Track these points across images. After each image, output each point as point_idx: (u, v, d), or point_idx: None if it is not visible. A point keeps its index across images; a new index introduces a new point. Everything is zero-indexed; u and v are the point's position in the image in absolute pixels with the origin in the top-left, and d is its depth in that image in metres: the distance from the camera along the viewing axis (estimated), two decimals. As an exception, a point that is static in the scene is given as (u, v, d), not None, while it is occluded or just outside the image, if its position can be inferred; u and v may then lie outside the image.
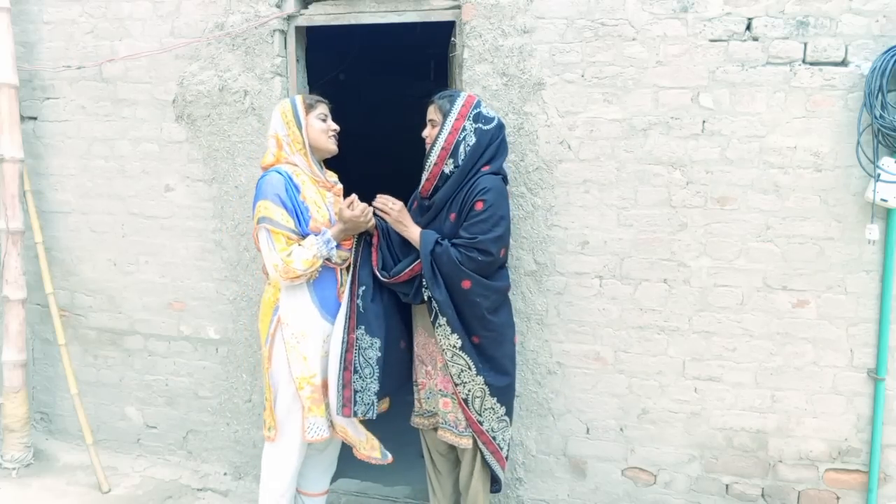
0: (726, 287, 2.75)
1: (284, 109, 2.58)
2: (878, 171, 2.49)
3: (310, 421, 2.53)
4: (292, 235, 2.44)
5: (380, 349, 2.54)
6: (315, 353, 2.53)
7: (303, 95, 2.65)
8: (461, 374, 2.47)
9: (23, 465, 3.42)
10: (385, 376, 2.56)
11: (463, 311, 2.44)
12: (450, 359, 2.48)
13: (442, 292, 2.41)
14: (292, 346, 2.50)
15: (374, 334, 2.54)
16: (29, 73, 3.44)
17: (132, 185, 3.39)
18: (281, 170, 2.51)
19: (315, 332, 2.54)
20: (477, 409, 2.50)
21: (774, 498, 2.80)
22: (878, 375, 2.64)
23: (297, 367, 2.51)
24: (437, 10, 2.96)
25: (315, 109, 2.60)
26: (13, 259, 3.37)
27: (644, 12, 2.69)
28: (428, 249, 2.41)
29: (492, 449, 2.55)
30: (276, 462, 2.61)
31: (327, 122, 2.62)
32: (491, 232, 2.37)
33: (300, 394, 2.51)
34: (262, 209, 2.43)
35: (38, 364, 3.70)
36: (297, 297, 2.53)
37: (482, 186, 2.40)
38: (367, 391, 2.52)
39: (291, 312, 2.52)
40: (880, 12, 2.52)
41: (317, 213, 2.52)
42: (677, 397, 2.84)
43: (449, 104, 2.49)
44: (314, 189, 2.57)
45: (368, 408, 2.52)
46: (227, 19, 3.13)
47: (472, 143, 2.45)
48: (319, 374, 2.53)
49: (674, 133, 2.71)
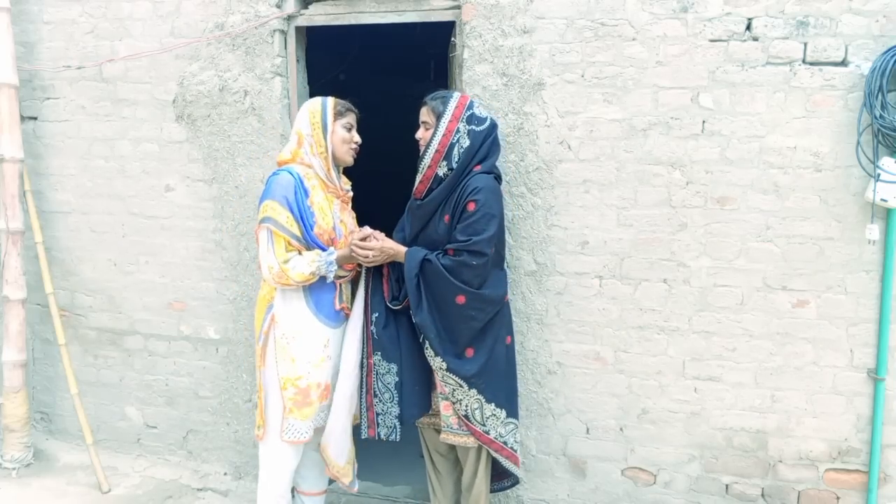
0: (726, 287, 2.75)
1: (314, 109, 2.54)
2: (878, 171, 2.49)
3: (289, 422, 2.51)
4: (293, 241, 2.43)
5: (397, 374, 2.56)
6: (306, 355, 2.51)
7: (335, 100, 2.59)
8: (454, 392, 2.48)
9: (23, 465, 3.42)
10: (406, 400, 2.56)
11: (457, 328, 2.43)
12: (441, 379, 2.49)
13: (423, 314, 2.41)
14: (282, 347, 2.50)
15: (390, 360, 2.56)
16: (29, 73, 3.44)
17: (132, 185, 3.39)
18: (293, 170, 2.48)
19: (309, 334, 2.52)
20: (480, 421, 2.49)
21: (774, 498, 2.81)
22: (878, 375, 2.64)
23: (284, 368, 2.50)
24: (437, 11, 2.96)
25: (343, 117, 2.56)
26: (13, 259, 3.37)
27: (644, 12, 2.69)
28: (413, 272, 2.41)
29: (506, 454, 2.55)
30: (271, 461, 2.61)
31: (351, 133, 2.59)
32: (484, 232, 2.37)
33: (283, 393, 2.50)
34: (268, 209, 2.42)
35: (38, 364, 3.70)
36: (291, 298, 2.52)
37: (474, 186, 2.40)
38: (389, 415, 2.56)
39: (284, 313, 2.51)
40: (880, 12, 2.52)
41: (322, 219, 2.50)
42: (677, 397, 2.84)
43: (442, 106, 2.48)
44: (323, 195, 2.55)
45: (391, 430, 2.56)
46: (227, 19, 3.13)
47: (465, 145, 2.45)
48: (306, 377, 2.51)
49: (674, 133, 2.71)
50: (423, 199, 2.52)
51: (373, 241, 2.48)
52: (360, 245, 2.47)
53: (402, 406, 2.56)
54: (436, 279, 2.39)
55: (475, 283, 2.40)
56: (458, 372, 2.44)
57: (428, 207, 2.49)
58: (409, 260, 2.45)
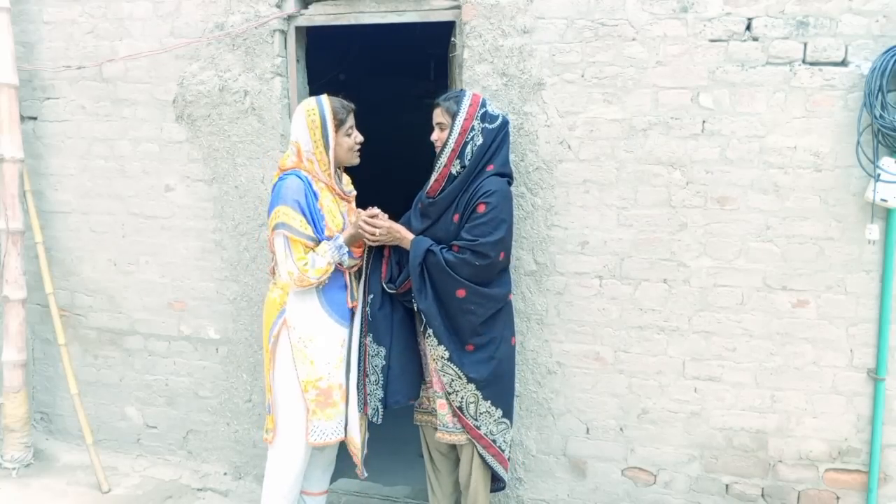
0: (726, 287, 2.75)
1: (313, 121, 2.45)
2: (878, 171, 2.49)
3: (314, 424, 2.52)
4: (309, 243, 2.43)
5: (384, 357, 2.57)
6: (323, 356, 2.52)
7: (332, 107, 2.48)
8: (452, 382, 2.48)
9: (23, 465, 3.42)
10: (392, 386, 2.57)
11: (457, 320, 2.44)
12: (440, 368, 2.49)
13: (428, 302, 2.41)
14: (299, 350, 2.50)
15: (380, 343, 2.58)
16: (29, 73, 3.44)
17: (132, 185, 3.39)
18: (301, 174, 2.48)
19: (324, 335, 2.53)
20: (472, 415, 2.50)
21: (774, 498, 2.81)
22: (878, 375, 2.64)
23: (303, 370, 2.50)
24: (437, 11, 2.96)
25: (345, 124, 2.51)
26: (13, 259, 3.37)
27: (644, 12, 2.69)
28: (417, 261, 2.41)
29: (493, 452, 2.54)
30: (280, 465, 2.61)
31: (353, 136, 2.56)
32: (491, 235, 2.37)
33: (305, 396, 2.50)
34: (282, 215, 2.40)
35: (38, 364, 3.70)
36: (304, 300, 2.52)
37: (486, 189, 2.41)
38: (373, 397, 2.58)
39: (299, 316, 2.51)
40: (880, 12, 2.52)
41: (332, 221, 2.51)
42: (677, 397, 2.84)
43: (456, 105, 2.48)
44: (331, 197, 2.55)
45: (374, 412, 2.57)
46: (227, 19, 3.13)
47: (479, 143, 2.46)
48: (327, 377, 2.52)
49: (674, 133, 2.71)
50: (435, 198, 2.51)
51: (380, 220, 2.48)
52: (368, 222, 2.47)
53: (386, 391, 2.57)
54: (438, 271, 2.40)
55: (475, 282, 2.40)
56: (459, 366, 2.44)
57: (440, 205, 2.49)
58: (414, 248, 2.45)
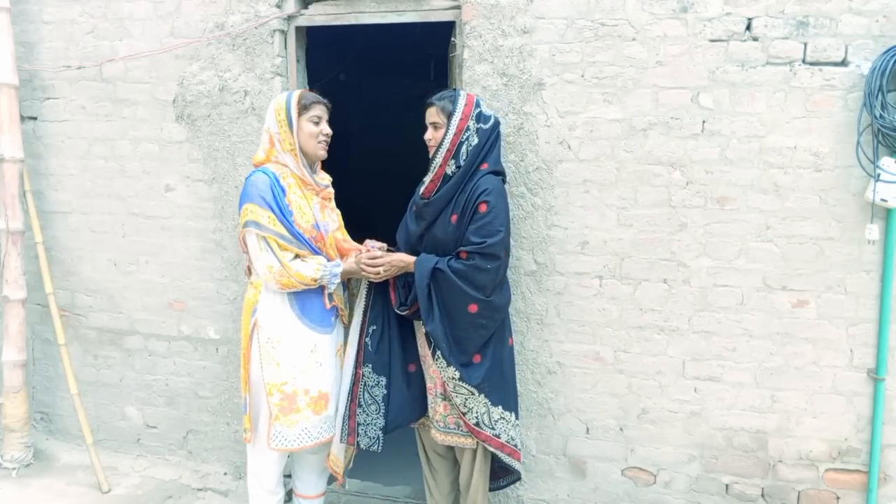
0: (726, 287, 2.75)
1: (279, 106, 2.49)
2: (878, 171, 2.49)
3: (276, 429, 2.47)
4: (280, 239, 2.41)
5: (385, 387, 2.57)
6: (290, 360, 2.47)
7: (300, 93, 2.53)
8: (466, 401, 2.47)
9: (23, 465, 3.42)
10: (392, 413, 2.57)
11: (468, 335, 2.42)
12: (452, 389, 2.48)
13: (435, 324, 2.40)
14: (266, 351, 2.46)
15: (380, 373, 2.57)
16: (29, 73, 3.44)
17: (132, 185, 3.39)
18: (268, 170, 2.46)
19: (292, 338, 2.48)
20: (490, 425, 2.49)
21: (774, 498, 2.81)
22: (878, 375, 2.64)
23: (269, 373, 2.46)
24: (437, 11, 2.96)
25: (309, 111, 2.50)
26: (13, 259, 3.37)
27: (644, 12, 2.69)
28: (424, 281, 2.40)
29: (507, 451, 2.55)
30: (258, 465, 2.61)
31: (320, 126, 2.53)
32: (497, 234, 2.37)
33: (269, 400, 2.46)
34: (248, 212, 2.40)
35: (38, 364, 3.70)
36: (275, 301, 2.48)
37: (484, 188, 2.41)
38: (373, 426, 2.56)
39: (269, 316, 2.48)
40: (880, 12, 2.52)
41: (300, 217, 2.47)
42: (677, 397, 2.84)
43: (451, 105, 2.48)
44: (300, 192, 2.51)
45: (373, 441, 2.56)
46: (227, 19, 3.13)
47: (474, 143, 2.46)
48: (292, 382, 2.47)
49: (674, 133, 2.72)
50: (430, 198, 2.51)
51: (380, 258, 2.48)
52: (369, 263, 2.47)
53: (387, 419, 2.57)
54: (448, 288, 2.38)
55: (489, 289, 2.38)
56: (469, 380, 2.44)
57: (435, 206, 2.49)
58: (419, 269, 2.43)
